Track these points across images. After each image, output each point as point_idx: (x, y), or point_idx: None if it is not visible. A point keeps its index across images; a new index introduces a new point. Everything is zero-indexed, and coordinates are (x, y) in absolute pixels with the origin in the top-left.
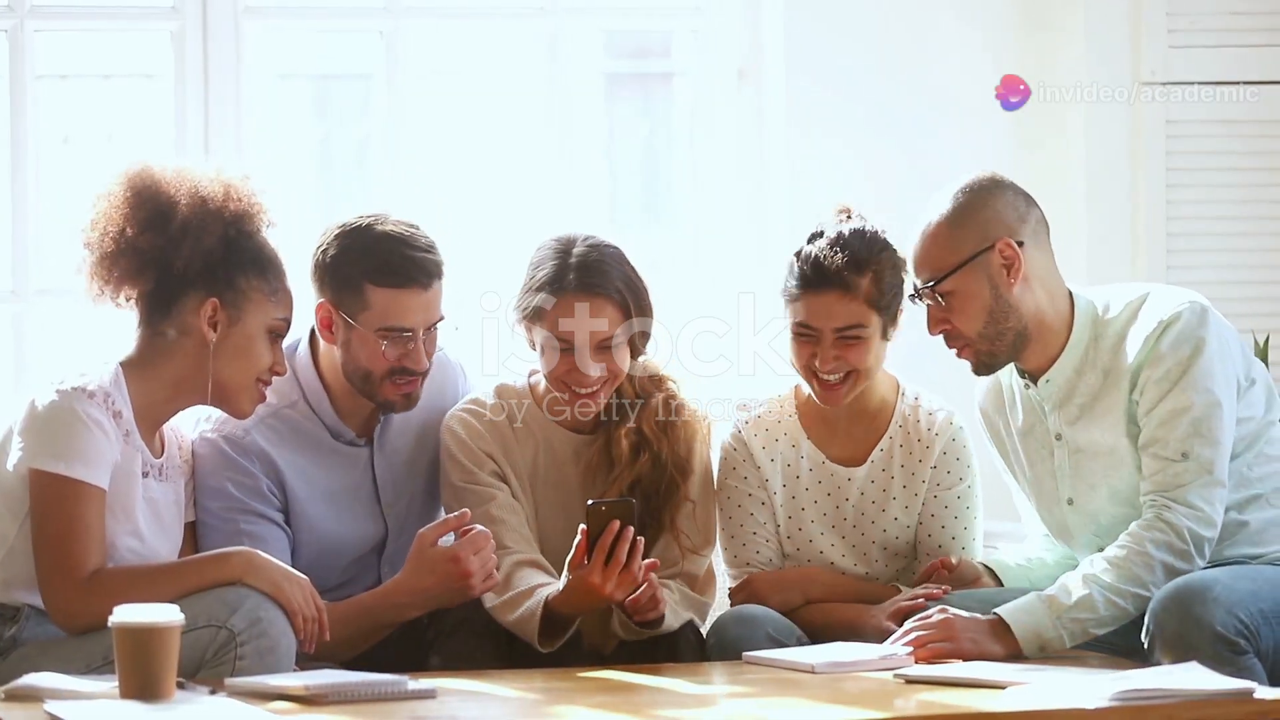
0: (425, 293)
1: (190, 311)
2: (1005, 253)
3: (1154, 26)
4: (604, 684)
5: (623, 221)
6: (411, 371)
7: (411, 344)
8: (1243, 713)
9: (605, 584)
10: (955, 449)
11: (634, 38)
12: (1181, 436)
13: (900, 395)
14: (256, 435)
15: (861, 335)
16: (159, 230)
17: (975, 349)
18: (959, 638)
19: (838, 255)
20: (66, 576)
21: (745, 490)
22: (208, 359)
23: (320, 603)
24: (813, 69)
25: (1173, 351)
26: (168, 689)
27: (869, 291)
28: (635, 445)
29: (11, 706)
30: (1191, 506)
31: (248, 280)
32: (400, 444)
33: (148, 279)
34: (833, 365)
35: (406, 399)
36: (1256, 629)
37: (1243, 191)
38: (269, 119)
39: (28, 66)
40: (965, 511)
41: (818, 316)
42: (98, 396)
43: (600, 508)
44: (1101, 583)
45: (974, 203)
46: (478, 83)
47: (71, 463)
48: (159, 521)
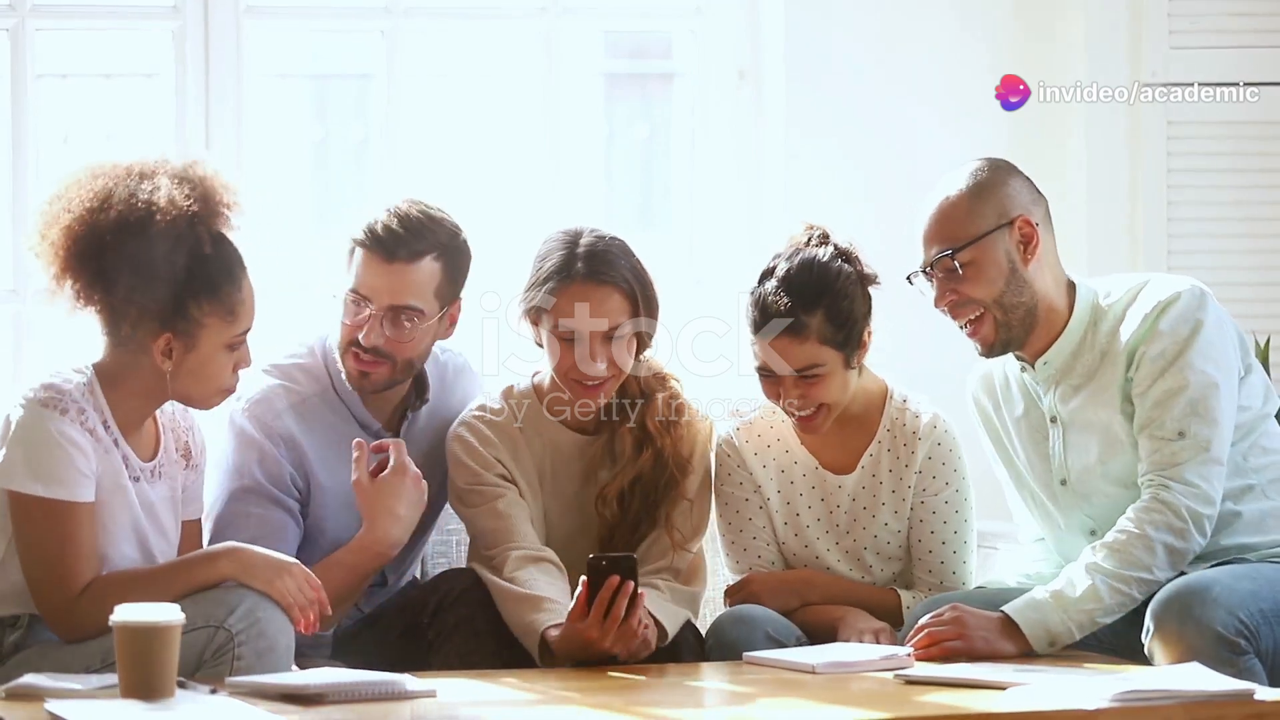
0: (385, 265)
1: (146, 337)
2: (1024, 230)
3: (1154, 27)
4: (604, 684)
5: (621, 222)
6: (363, 348)
7: (365, 315)
8: (1243, 713)
9: (604, 639)
10: (941, 452)
11: (633, 38)
12: (1178, 415)
13: (889, 399)
14: (288, 420)
15: (820, 373)
16: (107, 289)
17: (991, 317)
18: (971, 636)
19: (782, 299)
20: (61, 594)
21: (741, 496)
22: (170, 379)
23: (315, 580)
24: (813, 70)
25: (1171, 331)
26: (168, 688)
27: (820, 329)
28: (638, 441)
29: (12, 706)
30: (1188, 484)
31: (200, 308)
32: (423, 442)
33: (102, 310)
34: (799, 404)
35: (363, 378)
36: (1257, 629)
37: (1243, 193)
38: (269, 118)
39: (28, 65)
40: (955, 516)
41: (773, 360)
42: (71, 413)
43: (601, 562)
44: (1104, 570)
45: (994, 180)
46: (477, 83)
47: (50, 484)
48: (156, 525)
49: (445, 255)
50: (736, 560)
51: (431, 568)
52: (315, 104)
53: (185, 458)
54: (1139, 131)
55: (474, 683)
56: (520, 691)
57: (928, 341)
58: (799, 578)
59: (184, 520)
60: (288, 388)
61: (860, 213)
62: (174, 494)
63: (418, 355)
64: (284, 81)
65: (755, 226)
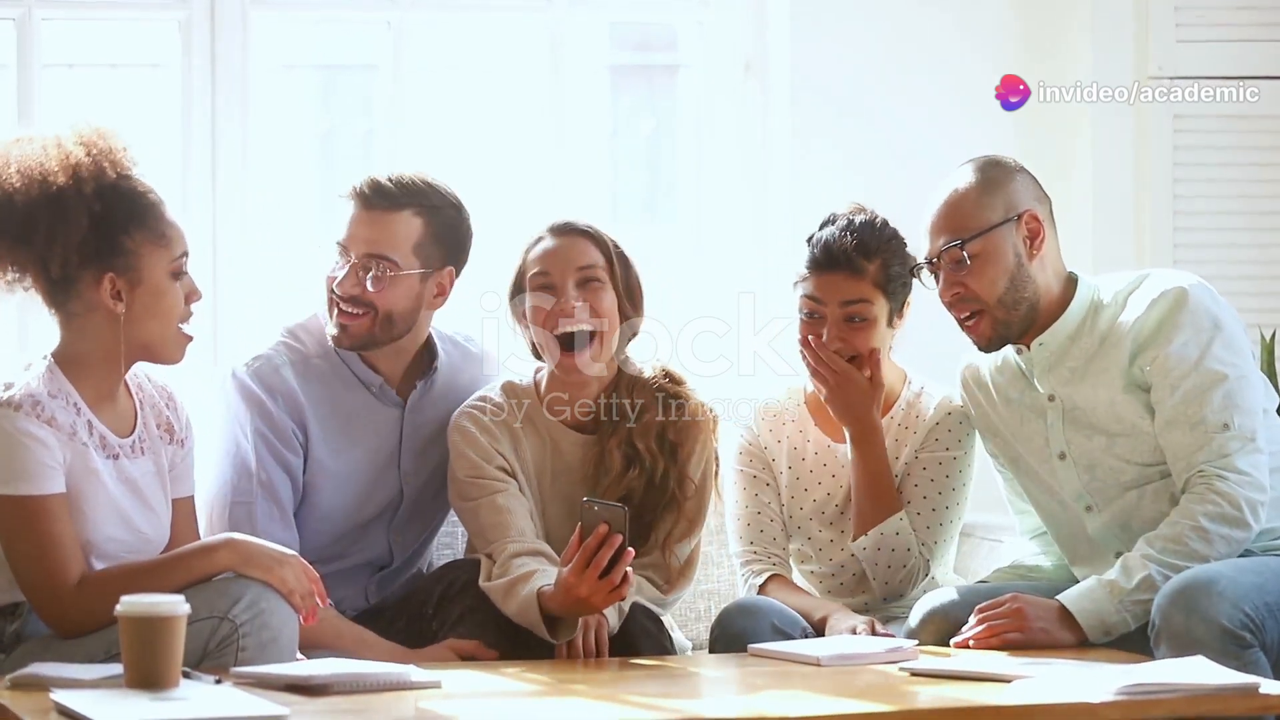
0: (363, 212)
1: (90, 289)
2: (1031, 225)
3: (1160, 21)
4: (608, 675)
5: (626, 214)
6: (340, 296)
7: (343, 264)
8: (1248, 707)
9: (580, 586)
10: (950, 420)
11: (639, 30)
12: (1218, 408)
13: (906, 384)
14: (287, 374)
15: (866, 315)
16: (26, 243)
17: (992, 316)
18: (1030, 627)
19: (847, 239)
20: (53, 590)
21: (759, 478)
22: (122, 328)
23: (312, 572)
24: (819, 62)
25: (1192, 324)
26: (173, 678)
27: (876, 275)
28: (627, 459)
29: (17, 696)
30: (1242, 473)
31: (131, 238)
32: (431, 415)
33: (37, 276)
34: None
35: (343, 331)
36: (1262, 622)
37: (1249, 187)
38: (275, 109)
39: (35, 56)
40: (945, 480)
41: (825, 291)
42: (25, 407)
43: (593, 507)
44: (1160, 561)
45: (1001, 175)
46: (482, 75)
47: (17, 483)
48: (142, 500)
49: (429, 215)
50: (742, 533)
51: (436, 558)
52: (321, 95)
53: (168, 433)
54: (1145, 126)
55: (478, 673)
56: (524, 682)
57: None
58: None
59: (175, 498)
60: (289, 345)
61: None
62: (159, 469)
63: (398, 312)
64: (290, 73)
65: (760, 219)
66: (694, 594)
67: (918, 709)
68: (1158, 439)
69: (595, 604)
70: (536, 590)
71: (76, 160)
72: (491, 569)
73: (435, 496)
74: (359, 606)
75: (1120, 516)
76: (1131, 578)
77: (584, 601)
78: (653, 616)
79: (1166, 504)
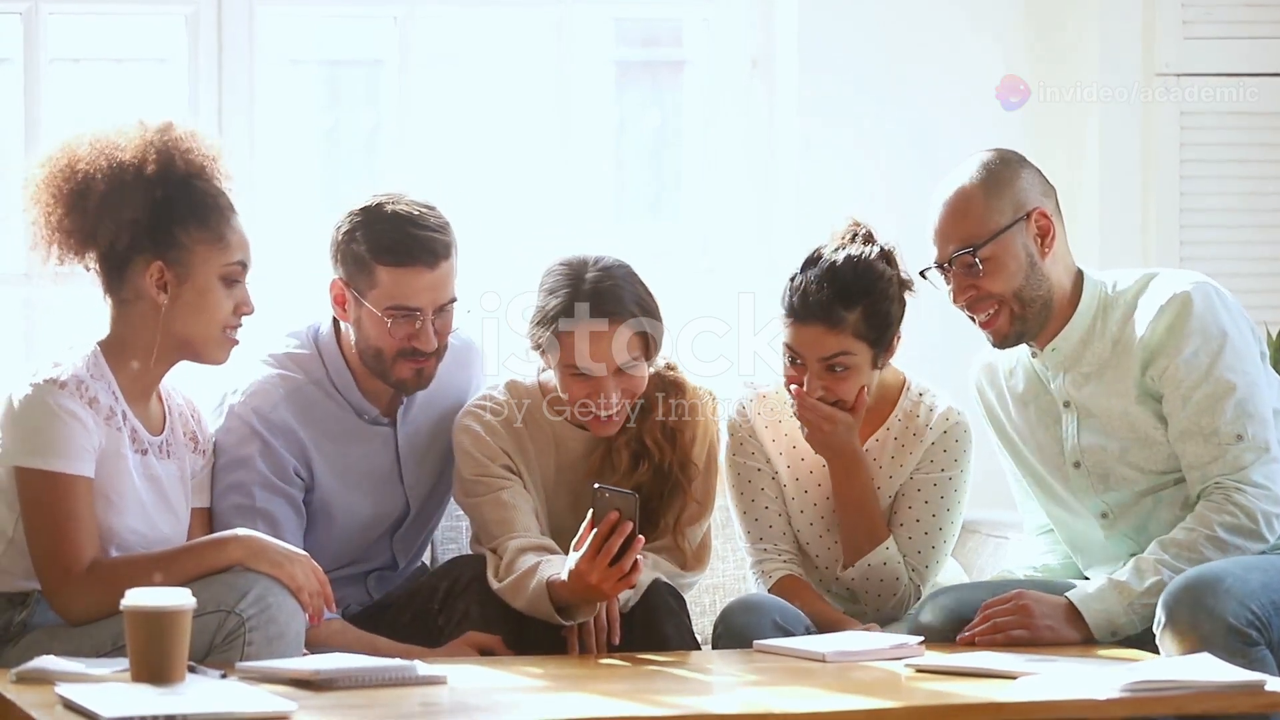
0: (431, 272)
1: (139, 275)
2: (1040, 222)
3: (1168, 18)
4: (614, 671)
5: (631, 211)
6: (421, 352)
7: (419, 323)
8: (1254, 704)
9: (591, 573)
10: (947, 440)
11: (645, 25)
12: (1231, 419)
13: (905, 390)
14: (284, 409)
15: (848, 364)
16: (80, 210)
17: (1009, 310)
18: (1036, 624)
19: (824, 290)
20: (64, 570)
21: (754, 466)
22: (161, 320)
23: (321, 573)
24: (825, 59)
25: (1201, 332)
26: (179, 672)
27: (857, 325)
28: (635, 455)
29: (23, 689)
30: (1259, 486)
31: (187, 233)
32: (423, 422)
33: (90, 254)
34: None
35: (418, 376)
36: (1268, 620)
37: (1256, 184)
38: (281, 104)
39: (41, 50)
40: (940, 501)
41: (802, 345)
42: (69, 386)
43: (604, 493)
44: (1174, 567)
45: (1006, 174)
46: (488, 70)
47: (50, 458)
48: (163, 499)
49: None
50: (748, 529)
51: (441, 554)
52: (327, 90)
53: (193, 441)
54: (1152, 123)
55: (484, 669)
56: (530, 677)
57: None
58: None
59: (193, 508)
60: (284, 376)
61: (873, 202)
62: (183, 474)
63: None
64: (296, 67)
65: (767, 216)
66: (700, 588)
67: (922, 705)
68: (1173, 447)
69: (605, 591)
70: (546, 580)
71: (150, 144)
72: (498, 565)
73: (439, 498)
74: (363, 602)
75: (1137, 523)
76: (1143, 580)
77: (594, 588)
78: (675, 594)
79: (1180, 509)
